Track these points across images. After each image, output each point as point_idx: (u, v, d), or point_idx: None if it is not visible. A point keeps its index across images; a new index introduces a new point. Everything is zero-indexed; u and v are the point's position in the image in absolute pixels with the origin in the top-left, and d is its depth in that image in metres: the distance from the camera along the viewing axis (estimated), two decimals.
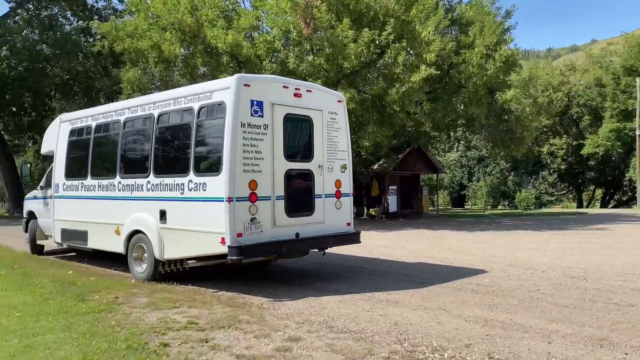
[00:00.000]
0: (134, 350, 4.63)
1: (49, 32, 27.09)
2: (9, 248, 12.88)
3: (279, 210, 7.27)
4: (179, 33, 17.68)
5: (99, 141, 9.46)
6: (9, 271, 9.04)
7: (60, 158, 10.32)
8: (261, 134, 7.12)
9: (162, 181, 7.81)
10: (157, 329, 5.31)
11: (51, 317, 5.76)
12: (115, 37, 19.02)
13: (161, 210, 7.77)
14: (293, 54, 16.61)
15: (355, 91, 17.66)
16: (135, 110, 8.58)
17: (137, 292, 7.19)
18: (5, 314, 5.89)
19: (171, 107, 7.87)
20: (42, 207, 11.24)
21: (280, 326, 5.50)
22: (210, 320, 5.66)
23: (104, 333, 5.16)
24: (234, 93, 6.86)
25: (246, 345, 4.83)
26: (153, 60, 18.38)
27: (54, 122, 11.24)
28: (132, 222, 8.27)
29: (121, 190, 8.60)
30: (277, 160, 7.30)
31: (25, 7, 30.23)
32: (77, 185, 9.71)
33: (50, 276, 8.46)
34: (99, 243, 9.28)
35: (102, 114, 9.41)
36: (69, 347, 4.72)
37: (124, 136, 8.79)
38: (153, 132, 8.09)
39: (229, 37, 16.56)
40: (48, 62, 27.13)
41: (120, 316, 5.84)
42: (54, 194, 10.41)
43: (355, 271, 9.07)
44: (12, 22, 29.56)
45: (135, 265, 8.28)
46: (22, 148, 37.87)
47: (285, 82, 7.74)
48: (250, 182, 6.95)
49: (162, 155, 8.12)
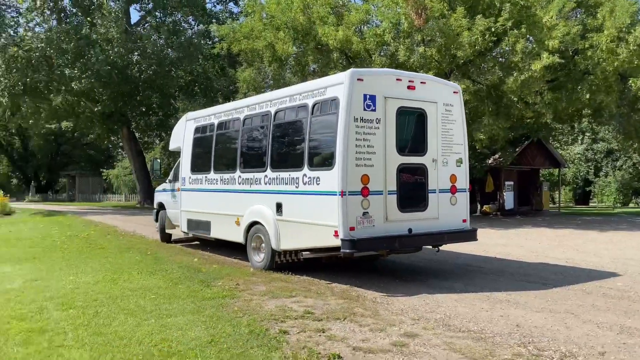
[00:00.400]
0: (256, 336, 4.86)
1: (173, 37, 29.28)
2: (142, 236, 14.15)
3: (391, 205, 7.22)
4: (291, 32, 18.21)
5: (220, 138, 10.05)
6: (143, 257, 9.92)
7: (186, 154, 11.12)
8: (374, 128, 7.11)
9: (279, 175, 8.10)
10: (276, 317, 5.53)
11: (181, 301, 6.23)
12: (232, 39, 20.05)
13: (277, 203, 8.08)
14: (403, 46, 16.35)
15: (469, 82, 16.96)
16: (253, 108, 8.99)
17: (255, 280, 7.55)
18: (143, 296, 6.47)
19: (287, 104, 8.13)
20: (170, 199, 12.20)
21: (395, 321, 5.46)
22: (325, 311, 5.78)
23: (228, 318, 5.47)
24: (347, 88, 6.91)
25: (362, 338, 4.86)
26: (267, 60, 19.10)
27: (180, 121, 12.15)
28: (250, 213, 8.69)
29: (241, 184, 9.07)
30: (389, 154, 7.24)
31: (153, 15, 32.95)
32: (201, 179, 10.41)
33: (178, 262, 9.16)
34: (221, 233, 9.88)
35: (223, 112, 9.98)
36: (198, 329, 5.08)
37: (243, 133, 9.25)
38: (270, 129, 8.42)
39: (340, 33, 16.73)
40: (173, 65, 29.30)
41: (242, 302, 6.16)
42: (181, 187, 11.25)
43: (470, 269, 8.74)
44: (142, 29, 32.37)
45: (253, 255, 8.70)
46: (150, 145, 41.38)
47: (398, 75, 7.65)
48: (363, 176, 6.97)
49: (278, 151, 8.42)
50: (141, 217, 21.79)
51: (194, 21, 33.14)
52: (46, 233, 14.75)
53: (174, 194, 11.92)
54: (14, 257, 9.94)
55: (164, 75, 28.92)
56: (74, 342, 4.68)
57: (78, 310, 5.75)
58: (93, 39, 26.31)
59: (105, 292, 6.66)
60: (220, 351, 4.45)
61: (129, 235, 14.53)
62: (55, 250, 10.91)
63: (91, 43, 26.03)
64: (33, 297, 6.45)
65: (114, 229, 16.25)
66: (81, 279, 7.56)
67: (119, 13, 28.19)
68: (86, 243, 12.32)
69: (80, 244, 12.19)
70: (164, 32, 29.79)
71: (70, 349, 4.52)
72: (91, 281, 7.42)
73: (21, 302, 6.19)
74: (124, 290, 6.76)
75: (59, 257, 9.86)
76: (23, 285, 7.16)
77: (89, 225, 18.10)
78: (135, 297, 6.37)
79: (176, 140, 12.00)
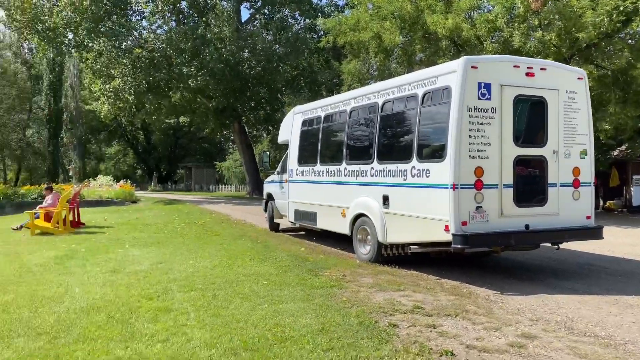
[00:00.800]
0: (366, 327, 4.86)
1: (281, 33, 30.19)
2: (252, 225, 14.79)
3: (506, 199, 6.84)
4: (398, 21, 17.90)
5: (327, 130, 10.17)
6: (254, 244, 10.36)
7: (293, 146, 11.42)
8: (488, 117, 6.76)
9: (385, 167, 8.02)
10: (385, 309, 5.49)
11: (291, 288, 6.40)
12: (338, 32, 20.19)
13: (384, 195, 8.00)
14: (518, 32, 15.38)
15: (592, 67, 15.57)
16: (360, 100, 8.97)
17: (361, 272, 7.56)
18: (256, 281, 6.75)
19: (395, 94, 8.00)
20: (278, 190, 12.61)
21: (512, 321, 5.18)
22: (436, 307, 5.63)
23: (337, 307, 5.53)
24: (461, 76, 6.64)
25: (476, 337, 4.67)
26: (373, 51, 18.99)
27: (288, 114, 12.49)
28: (356, 205, 8.71)
29: (347, 176, 9.12)
30: (505, 145, 6.85)
31: (262, 12, 34.21)
32: (308, 171, 10.63)
33: (287, 251, 9.44)
34: (327, 224, 10.03)
35: (330, 105, 10.09)
36: (308, 316, 5.18)
37: (349, 125, 9.27)
38: (377, 120, 8.35)
39: (449, 21, 16.14)
40: (280, 60, 30.23)
41: (350, 293, 6.19)
42: (289, 179, 11.58)
43: (594, 270, 8.05)
44: (252, 26, 33.72)
45: (359, 247, 8.72)
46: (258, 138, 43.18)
47: (515, 61, 7.19)
48: (476, 169, 6.68)
49: (386, 142, 8.33)
50: (250, 207, 22.82)
51: (300, 16, 33.90)
52: (167, 220, 15.94)
53: (281, 185, 12.30)
54: (141, 241, 10.85)
55: (271, 71, 29.94)
56: (196, 322, 4.99)
57: (198, 293, 6.13)
58: (207, 38, 27.88)
59: (221, 277, 7.04)
60: (331, 340, 4.51)
61: (241, 223, 15.27)
62: (176, 236, 11.75)
63: (206, 42, 27.61)
64: (158, 278, 6.99)
65: (227, 217, 17.18)
66: (200, 263, 8.06)
67: (231, 12, 29.56)
68: (203, 230, 13.13)
69: (197, 230, 13.02)
70: (272, 29, 30.82)
71: (193, 328, 4.83)
72: (209, 266, 7.88)
73: (149, 282, 6.73)
74: (238, 276, 7.10)
75: (180, 243, 10.60)
76: (150, 268, 7.79)
77: (205, 213, 19.30)
78: (249, 283, 6.65)
79: (284, 133, 12.35)
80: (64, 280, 6.85)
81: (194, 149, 61.54)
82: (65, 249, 9.74)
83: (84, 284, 6.67)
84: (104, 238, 11.42)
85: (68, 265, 8.00)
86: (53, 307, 5.56)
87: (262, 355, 4.17)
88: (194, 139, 60.06)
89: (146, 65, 28.09)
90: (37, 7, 27.23)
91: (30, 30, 27.93)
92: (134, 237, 11.60)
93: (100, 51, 27.99)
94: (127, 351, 4.26)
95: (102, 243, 10.54)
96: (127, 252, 9.26)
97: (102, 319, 5.09)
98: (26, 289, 6.41)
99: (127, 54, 28.00)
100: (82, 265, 8.04)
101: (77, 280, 6.86)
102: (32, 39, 29.34)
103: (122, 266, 7.90)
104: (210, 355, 4.16)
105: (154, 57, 27.97)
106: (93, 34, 27.12)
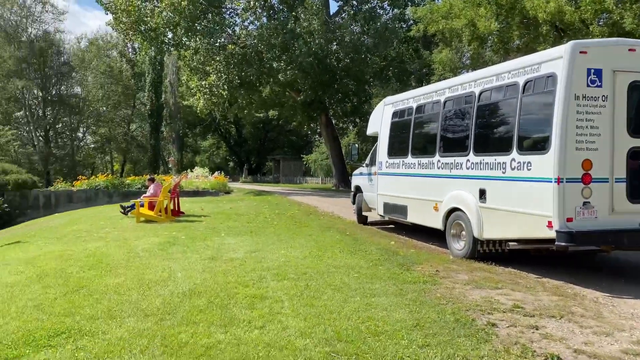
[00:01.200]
0: (463, 325, 4.69)
1: (369, 24, 29.96)
2: (340, 217, 14.86)
3: (618, 194, 6.31)
4: (494, 7, 17.11)
5: (419, 121, 9.94)
6: (342, 236, 10.39)
7: (383, 138, 11.28)
8: (598, 106, 6.25)
9: (482, 160, 7.68)
10: (482, 308, 5.27)
11: (382, 282, 6.34)
12: (430, 20, 19.68)
13: (481, 189, 7.68)
14: (630, 13, 14.12)
15: None
16: (455, 90, 8.66)
17: (455, 268, 7.32)
18: (346, 273, 6.75)
19: (493, 83, 7.63)
20: (367, 183, 12.54)
21: (625, 326, 4.77)
22: (537, 307, 5.32)
23: (431, 304, 5.39)
24: (568, 62, 6.18)
25: (584, 341, 4.35)
26: (466, 39, 18.32)
27: (378, 106, 12.36)
28: (450, 199, 8.44)
29: (440, 169, 8.86)
30: (617, 136, 6.31)
31: (350, 4, 34.14)
32: (398, 163, 10.47)
33: (376, 244, 9.36)
34: (418, 218, 9.82)
35: (422, 95, 9.84)
36: (402, 311, 5.10)
37: (443, 115, 8.98)
38: (473, 110, 8.02)
39: (551, 4, 15.16)
40: (368, 51, 30.04)
41: (444, 290, 6.01)
42: (378, 171, 11.48)
43: None
44: (340, 19, 33.78)
45: (453, 242, 8.45)
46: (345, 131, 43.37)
47: (631, 45, 6.56)
48: (584, 161, 6.20)
49: (483, 134, 7.98)
50: (337, 199, 22.96)
51: (389, 6, 33.44)
52: (259, 211, 16.45)
53: (370, 178, 12.23)
54: (236, 230, 11.27)
55: (359, 62, 29.83)
56: (290, 311, 5.08)
57: (291, 282, 6.24)
58: (297, 32, 28.32)
59: (312, 267, 7.12)
60: (426, 336, 4.40)
61: (328, 215, 15.40)
62: (267, 226, 12.09)
63: (295, 36, 28.07)
64: (253, 266, 7.21)
65: (315, 209, 17.40)
66: (291, 254, 8.22)
67: (319, 5, 29.80)
68: (292, 221, 13.40)
69: (287, 221, 13.30)
70: (360, 20, 30.66)
71: (287, 316, 4.92)
72: (299, 256, 8.01)
73: (244, 270, 6.96)
74: (328, 267, 7.15)
75: (271, 233, 10.89)
76: (244, 256, 8.06)
77: (293, 204, 19.70)
78: (339, 274, 6.67)
79: (374, 125, 12.25)
80: (167, 266, 7.28)
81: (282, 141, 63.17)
82: (167, 236, 10.34)
83: (185, 269, 7.04)
84: (201, 226, 12.00)
85: (170, 252, 8.48)
86: (158, 290, 5.91)
87: (357, 347, 4.15)
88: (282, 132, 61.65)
89: (239, 61, 29.08)
90: (140, 9, 29.08)
91: (134, 31, 29.93)
92: (228, 226, 12.07)
93: (196, 49, 29.38)
94: (227, 336, 4.42)
95: (200, 231, 11.07)
96: (223, 241, 9.66)
97: (203, 304, 5.33)
98: (134, 272, 6.88)
99: (221, 51, 29.16)
100: (183, 251, 8.49)
101: (179, 266, 7.25)
102: (136, 39, 31.42)
103: (219, 254, 8.24)
104: (305, 344, 4.22)
105: (245, 53, 28.90)
106: (190, 33, 28.53)
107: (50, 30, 51.95)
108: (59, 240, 10.24)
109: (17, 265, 7.61)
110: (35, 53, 49.54)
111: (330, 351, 4.08)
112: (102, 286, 6.12)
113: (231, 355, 4.03)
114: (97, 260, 7.74)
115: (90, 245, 9.18)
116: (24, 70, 49.83)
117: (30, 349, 4.20)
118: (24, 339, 4.38)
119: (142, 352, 4.11)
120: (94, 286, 6.12)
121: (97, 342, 4.32)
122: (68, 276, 6.66)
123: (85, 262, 7.61)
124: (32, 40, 50.17)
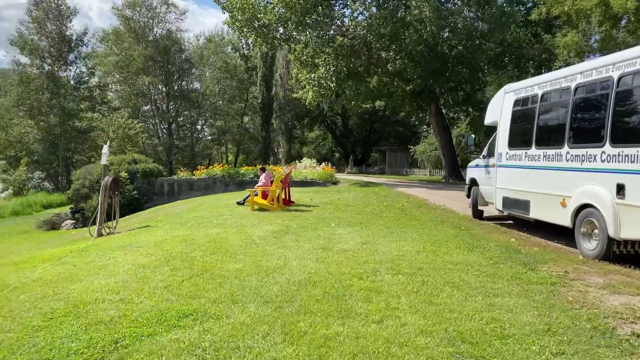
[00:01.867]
0: (602, 334, 4.25)
1: (484, 9, 28.46)
2: (452, 211, 14.31)
3: None
4: None
5: (544, 110, 9.20)
6: (457, 231, 9.97)
7: (503, 128, 10.61)
8: None
9: (621, 152, 6.90)
10: (624, 316, 4.74)
11: (505, 281, 5.95)
12: (553, 1, 18.22)
13: (618, 184, 6.92)
14: None
15: None
16: (589, 75, 7.87)
17: (587, 269, 6.69)
18: (465, 271, 6.44)
19: (636, 66, 6.80)
20: (483, 175, 11.91)
21: None
22: None
23: (562, 308, 4.95)
24: None
25: None
26: (597, 19, 16.70)
27: (497, 94, 11.65)
28: (581, 194, 7.72)
29: (569, 161, 8.13)
30: None
31: None
32: (520, 155, 9.79)
33: (495, 241, 8.85)
34: (541, 214, 9.13)
35: (549, 82, 9.08)
36: (529, 314, 4.73)
37: (574, 103, 8.21)
38: (611, 97, 7.22)
39: None
40: (483, 37, 28.55)
41: (576, 293, 5.50)
42: (497, 163, 10.83)
43: None
44: (452, 4, 32.46)
45: (583, 241, 7.73)
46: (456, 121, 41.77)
47: None
48: None
49: (622, 123, 7.16)
50: (448, 192, 22.19)
51: None
52: (366, 202, 16.37)
53: (487, 170, 11.60)
54: (345, 221, 11.29)
55: (473, 49, 28.48)
56: (408, 307, 4.93)
57: (406, 277, 6.07)
58: (407, 20, 27.68)
59: (428, 262, 6.88)
60: (560, 343, 4.04)
61: (439, 208, 14.91)
62: (376, 218, 11.96)
63: (405, 25, 27.45)
64: (365, 258, 7.13)
65: (424, 202, 16.94)
66: (403, 247, 8.03)
67: None
68: (402, 213, 13.14)
69: (396, 213, 13.08)
70: (474, 5, 29.24)
71: (405, 312, 4.77)
72: (413, 250, 7.80)
73: (357, 262, 6.91)
74: (445, 263, 6.86)
75: (381, 225, 10.75)
76: (355, 247, 8.01)
77: (401, 196, 19.36)
78: (457, 272, 6.38)
79: (492, 114, 11.58)
80: (282, 254, 7.44)
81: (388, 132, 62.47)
82: (280, 224, 10.62)
83: (299, 258, 7.15)
84: (311, 216, 12.18)
85: (284, 240, 8.68)
86: (275, 277, 6.05)
87: (482, 350, 3.91)
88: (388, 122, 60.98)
89: (347, 53, 29.07)
90: (254, 6, 30.17)
91: (248, 28, 31.15)
92: (338, 216, 12.13)
93: (306, 42, 29.88)
94: (345, 328, 4.38)
95: (310, 221, 11.24)
96: (333, 231, 9.71)
97: (319, 294, 5.35)
98: (252, 258, 7.12)
99: (330, 43, 29.39)
100: (296, 240, 8.66)
101: (293, 254, 7.38)
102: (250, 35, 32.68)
103: (330, 244, 8.28)
104: (426, 342, 4.05)
105: (354, 45, 28.82)
106: (300, 27, 29.07)
107: (173, 30, 55.87)
108: (182, 226, 10.95)
109: (147, 247, 8.22)
110: (160, 51, 53.57)
111: (453, 352, 3.88)
112: (224, 271, 6.39)
113: (350, 349, 3.97)
114: (218, 245, 8.13)
115: (211, 231, 9.69)
116: (150, 67, 54.07)
117: (162, 327, 4.47)
118: (157, 318, 4.68)
119: (264, 337, 4.20)
120: (216, 270, 6.42)
121: (221, 325, 4.50)
122: (192, 260, 7.06)
123: (207, 247, 8.03)
124: (158, 40, 54.28)
